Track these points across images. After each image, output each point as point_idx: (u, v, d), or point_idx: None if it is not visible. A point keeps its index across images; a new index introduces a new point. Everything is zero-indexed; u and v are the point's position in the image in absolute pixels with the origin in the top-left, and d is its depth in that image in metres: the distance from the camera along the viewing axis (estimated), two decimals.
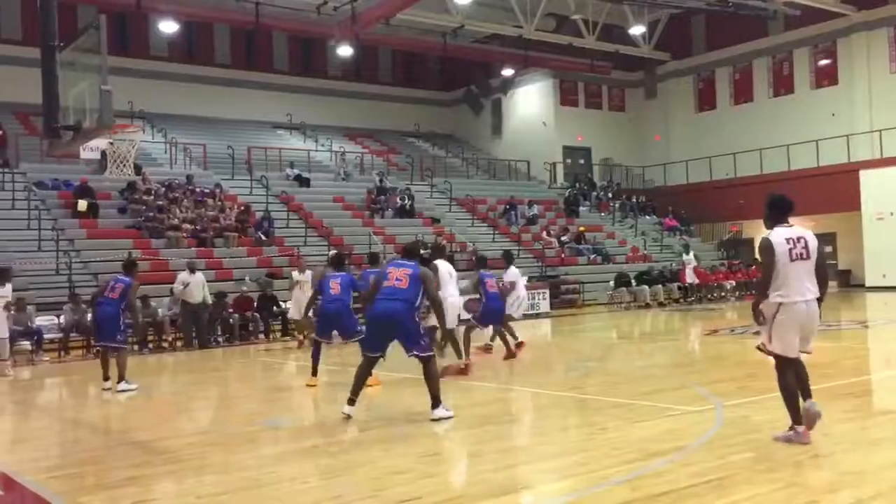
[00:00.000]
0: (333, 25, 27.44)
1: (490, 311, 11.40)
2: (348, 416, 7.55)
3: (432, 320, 9.08)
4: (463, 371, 10.45)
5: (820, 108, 30.14)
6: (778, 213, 6.05)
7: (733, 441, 6.15)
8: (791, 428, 5.94)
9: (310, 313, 11.59)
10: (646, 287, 24.22)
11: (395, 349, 7.70)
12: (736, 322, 18.13)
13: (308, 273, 15.65)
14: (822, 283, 6.00)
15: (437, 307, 7.72)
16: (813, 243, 5.93)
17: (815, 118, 29.82)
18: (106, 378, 10.58)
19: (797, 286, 5.84)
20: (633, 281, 24.37)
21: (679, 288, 25.32)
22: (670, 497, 4.86)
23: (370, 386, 9.67)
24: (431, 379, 7.44)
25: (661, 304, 23.91)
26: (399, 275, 7.40)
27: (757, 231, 30.58)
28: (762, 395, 8.26)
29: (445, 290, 10.03)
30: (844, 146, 28.51)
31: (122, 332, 10.69)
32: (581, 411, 8.27)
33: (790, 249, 5.84)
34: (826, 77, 30.75)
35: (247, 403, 9.84)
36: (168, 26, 28.53)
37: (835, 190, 27.49)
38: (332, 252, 16.00)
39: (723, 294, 25.84)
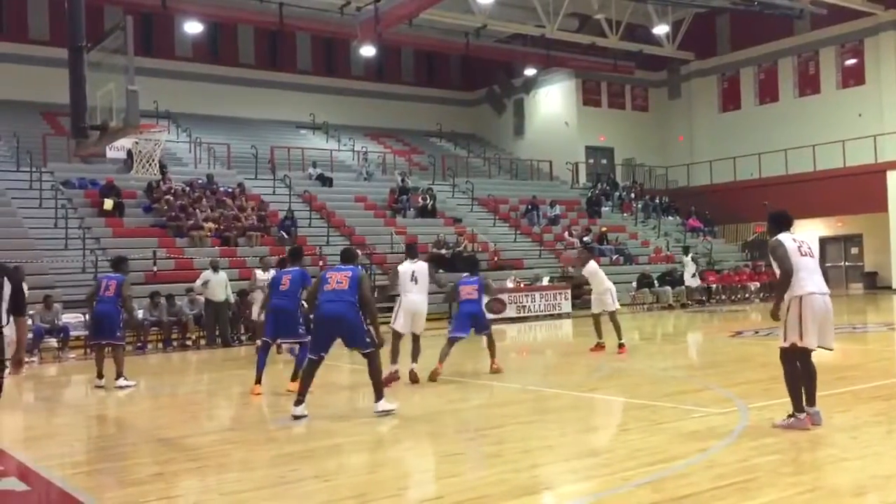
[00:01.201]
0: (356, 26, 27.53)
1: (459, 317, 10.63)
2: (298, 417, 7.71)
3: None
4: (389, 378, 9.57)
5: (846, 108, 29.78)
6: (780, 226, 6.56)
7: (757, 443, 6.10)
8: (792, 415, 6.22)
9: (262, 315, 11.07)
10: (668, 288, 24.09)
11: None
12: (760, 324, 17.98)
13: (272, 272, 15.11)
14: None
15: (368, 308, 7.89)
16: (815, 246, 6.53)
17: (842, 118, 29.48)
18: (100, 376, 10.75)
19: (812, 279, 6.25)
20: (655, 282, 24.24)
21: (703, 290, 25.14)
22: (693, 499, 4.83)
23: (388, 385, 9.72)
24: (375, 373, 7.85)
25: (683, 306, 23.76)
26: (339, 277, 7.85)
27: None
28: (787, 397, 8.19)
29: (402, 291, 10.12)
30: (871, 147, 28.15)
31: (121, 328, 10.85)
32: (603, 413, 8.24)
33: (798, 247, 6.34)
34: (853, 77, 30.39)
35: (269, 401, 9.90)
36: (193, 27, 28.80)
37: (862, 191, 27.17)
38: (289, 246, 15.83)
39: (747, 296, 25.63)
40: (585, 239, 27.07)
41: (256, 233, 21.91)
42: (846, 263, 30.15)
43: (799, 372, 6.28)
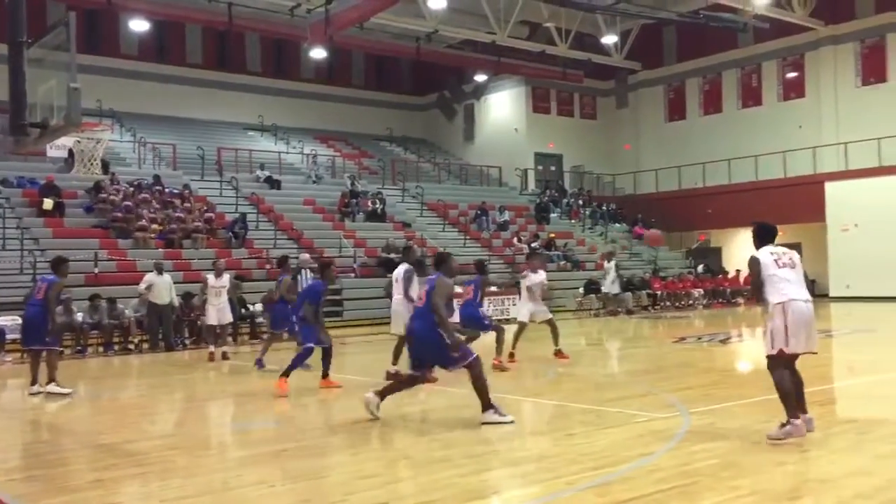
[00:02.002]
0: (306, 28, 27.32)
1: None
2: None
3: None
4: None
5: (787, 119, 30.61)
6: (766, 237, 6.56)
7: (698, 448, 6.21)
8: (787, 423, 6.11)
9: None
10: (628, 294, 24.41)
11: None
12: (703, 330, 18.35)
13: (225, 278, 14.58)
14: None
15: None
16: (798, 257, 6.50)
17: (783, 130, 30.28)
18: (33, 382, 10.24)
19: (793, 287, 6.30)
20: (602, 288, 24.53)
21: (648, 296, 25.56)
22: (636, 503, 4.90)
23: (333, 388, 9.71)
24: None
25: (629, 312, 24.10)
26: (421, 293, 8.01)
27: (725, 240, 31.01)
28: (728, 402, 8.38)
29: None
30: (811, 158, 28.98)
31: (51, 332, 10.24)
32: (549, 417, 8.31)
33: (776, 260, 6.36)
34: (794, 90, 31.25)
35: (213, 407, 9.76)
36: (139, 25, 28.26)
37: (801, 201, 27.94)
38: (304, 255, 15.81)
39: (690, 302, 26.12)
40: (534, 245, 27.29)
41: (202, 235, 21.59)
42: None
43: (790, 381, 6.26)
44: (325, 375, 9.99)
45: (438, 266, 7.90)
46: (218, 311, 14.25)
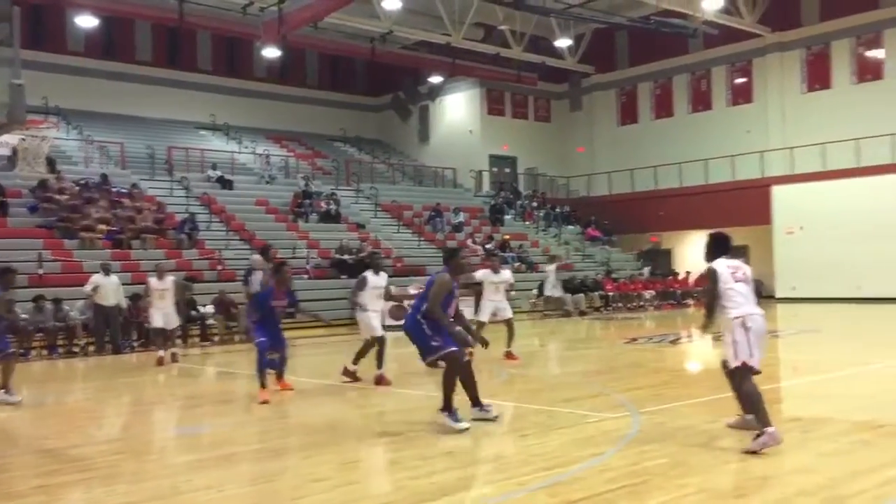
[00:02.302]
0: (259, 26, 27.01)
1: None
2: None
3: None
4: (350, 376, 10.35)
5: (736, 124, 31.23)
6: (720, 249, 6.52)
7: (648, 447, 6.30)
8: (761, 433, 6.03)
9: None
10: (568, 295, 24.62)
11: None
12: (654, 331, 18.61)
13: (169, 280, 14.06)
14: None
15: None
16: (750, 272, 6.50)
17: (732, 134, 30.88)
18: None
19: (749, 301, 6.31)
20: (544, 291, 24.72)
21: (600, 297, 25.84)
22: (586, 503, 4.94)
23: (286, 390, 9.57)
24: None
25: (582, 313, 24.33)
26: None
27: (675, 242, 31.51)
28: (677, 402, 8.51)
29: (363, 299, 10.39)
30: (758, 162, 29.60)
31: (3, 339, 9.81)
32: (501, 418, 8.34)
33: (732, 273, 6.34)
34: (742, 95, 31.90)
35: (162, 410, 9.60)
36: (86, 20, 27.63)
37: (748, 204, 28.53)
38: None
39: (642, 304, 26.48)
40: (488, 246, 27.40)
41: (152, 235, 21.21)
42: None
43: (758, 389, 6.20)
44: (279, 377, 9.88)
45: (447, 262, 7.73)
46: (164, 315, 13.86)
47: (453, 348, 7.17)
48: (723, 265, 6.39)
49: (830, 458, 5.94)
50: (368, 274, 10.47)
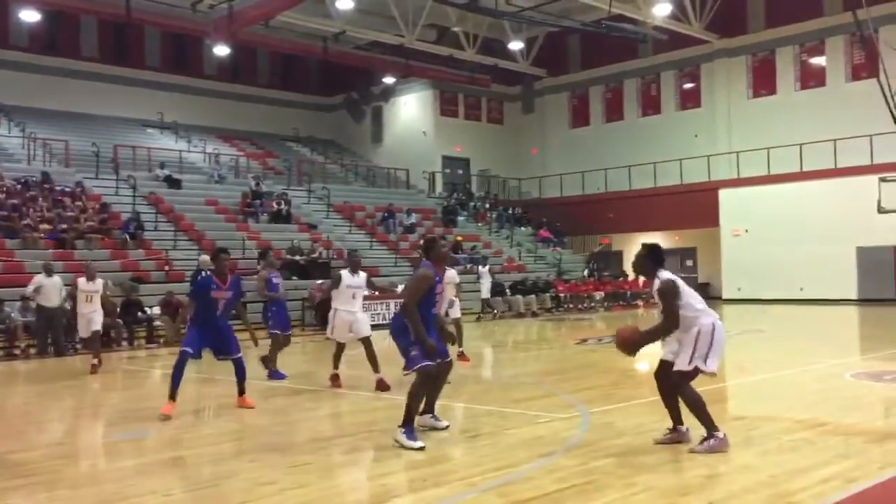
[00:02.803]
0: (209, 24, 26.67)
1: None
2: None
3: None
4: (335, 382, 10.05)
5: (684, 128, 31.78)
6: (661, 261, 6.39)
7: (597, 447, 6.36)
8: (710, 436, 6.07)
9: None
10: (520, 297, 24.77)
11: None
12: (604, 332, 18.80)
13: (99, 282, 13.31)
14: None
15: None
16: None
17: (680, 138, 31.42)
18: None
19: (707, 308, 6.27)
20: (507, 290, 24.87)
21: (552, 298, 26.05)
22: (536, 503, 4.97)
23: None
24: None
25: (534, 314, 24.49)
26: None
27: (625, 244, 31.92)
28: (626, 402, 8.61)
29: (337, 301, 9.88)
30: (706, 166, 30.16)
31: None
32: (453, 419, 8.34)
33: (684, 283, 6.32)
34: (690, 99, 32.47)
35: (107, 414, 9.38)
36: (29, 15, 26.92)
37: (696, 207, 29.05)
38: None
39: (592, 305, 26.76)
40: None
41: (97, 235, 20.75)
42: (682, 275, 31.92)
43: (698, 393, 6.19)
44: (240, 392, 9.54)
45: (427, 253, 6.85)
46: (88, 321, 13.00)
47: (428, 363, 6.54)
48: (677, 277, 6.29)
49: (774, 456, 6.06)
50: (344, 273, 9.85)
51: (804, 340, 16.45)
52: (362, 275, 10.04)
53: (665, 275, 6.25)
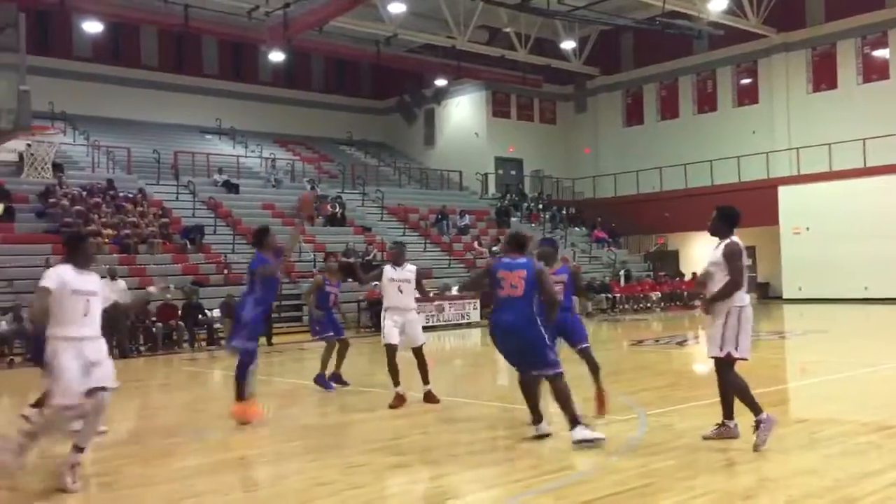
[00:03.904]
0: (265, 31, 27.11)
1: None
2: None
3: None
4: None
5: (741, 125, 31.16)
6: (732, 223, 6.44)
7: (655, 449, 6.28)
8: (757, 422, 6.07)
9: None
10: (574, 297, 24.56)
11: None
12: (661, 333, 18.57)
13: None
14: None
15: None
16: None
17: (737, 135, 30.81)
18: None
19: (745, 291, 6.26)
20: None
21: (607, 299, 25.79)
22: None
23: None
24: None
25: (588, 315, 24.28)
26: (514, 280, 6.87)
27: (682, 243, 31.43)
28: (684, 403, 8.48)
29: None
30: (764, 163, 29.52)
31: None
32: (508, 421, 8.32)
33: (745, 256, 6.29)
34: (747, 96, 31.83)
35: (169, 414, 9.60)
36: (92, 26, 27.74)
37: (755, 205, 28.30)
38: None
39: (649, 305, 26.42)
40: (495, 249, 27.36)
41: (158, 240, 21.27)
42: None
43: (741, 379, 6.23)
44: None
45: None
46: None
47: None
48: (741, 244, 6.29)
49: (837, 460, 5.90)
50: (387, 267, 9.16)
51: (869, 341, 15.97)
52: (409, 267, 9.12)
53: (734, 238, 6.32)
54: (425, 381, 9.03)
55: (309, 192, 22.40)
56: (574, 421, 6.43)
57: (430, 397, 8.96)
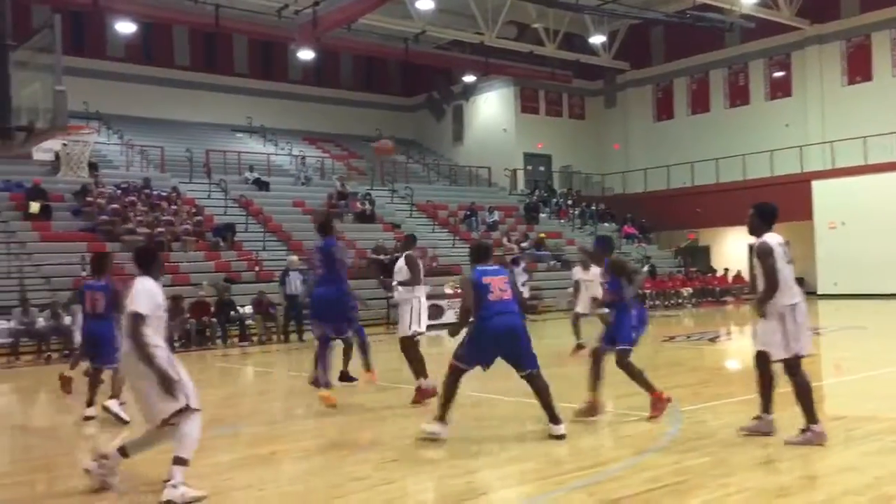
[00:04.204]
0: (294, 29, 27.27)
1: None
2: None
3: None
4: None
5: (774, 118, 30.76)
6: (769, 220, 6.36)
7: (689, 446, 6.23)
8: (807, 428, 5.99)
9: None
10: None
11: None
12: (692, 329, 18.41)
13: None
14: None
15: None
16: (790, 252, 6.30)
17: (770, 129, 30.42)
18: (90, 403, 8.67)
19: (795, 287, 6.17)
20: None
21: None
22: (626, 502, 4.90)
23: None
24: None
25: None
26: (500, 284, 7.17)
27: (713, 239, 31.12)
28: (717, 400, 8.40)
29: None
30: (797, 157, 29.11)
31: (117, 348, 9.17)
32: (539, 417, 8.29)
33: (784, 252, 6.18)
34: (780, 89, 31.40)
35: (203, 410, 9.70)
36: (125, 27, 28.11)
37: (788, 199, 27.81)
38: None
39: (680, 301, 26.20)
40: (524, 245, 27.33)
41: (191, 238, 21.51)
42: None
43: (810, 382, 6.14)
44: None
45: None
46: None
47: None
48: (775, 241, 6.19)
49: (876, 457, 5.81)
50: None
51: None
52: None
53: (765, 237, 6.20)
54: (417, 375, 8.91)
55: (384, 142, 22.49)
56: (557, 417, 6.70)
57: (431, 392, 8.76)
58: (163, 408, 5.35)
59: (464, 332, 6.94)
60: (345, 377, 10.16)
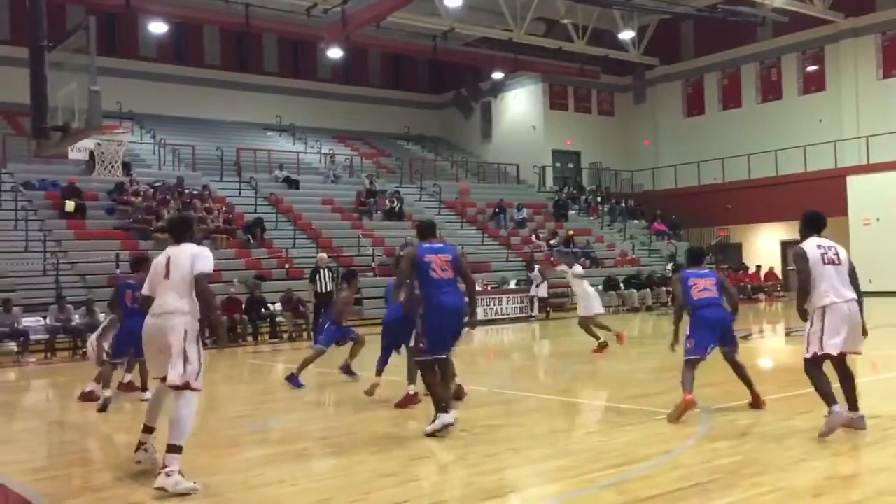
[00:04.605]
0: (323, 28, 27.43)
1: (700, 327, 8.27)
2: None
3: None
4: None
5: (808, 113, 30.32)
6: (813, 228, 6.55)
7: (720, 445, 6.18)
8: (829, 412, 6.17)
9: None
10: (634, 291, 24.31)
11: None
12: None
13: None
14: (856, 289, 6.50)
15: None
16: (844, 252, 6.46)
17: (803, 124, 30.00)
18: (145, 388, 9.45)
19: (834, 288, 6.24)
20: (621, 285, 24.45)
21: (668, 292, 25.40)
22: (657, 501, 4.88)
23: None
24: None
25: (648, 309, 23.99)
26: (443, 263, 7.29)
27: (745, 235, 30.78)
28: (748, 398, 8.31)
29: None
30: (832, 152, 28.69)
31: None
32: (569, 415, 8.29)
33: (822, 255, 6.29)
34: (814, 83, 30.95)
35: (235, 406, 9.81)
36: (157, 27, 28.46)
37: (822, 195, 27.55)
38: None
39: None
40: (553, 242, 27.23)
41: (222, 235, 21.72)
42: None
43: (824, 374, 6.32)
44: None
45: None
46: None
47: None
48: (812, 246, 6.33)
49: None
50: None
51: None
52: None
53: (803, 243, 6.42)
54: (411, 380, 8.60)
55: None
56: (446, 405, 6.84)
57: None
58: (174, 373, 5.52)
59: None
60: (347, 370, 10.43)
